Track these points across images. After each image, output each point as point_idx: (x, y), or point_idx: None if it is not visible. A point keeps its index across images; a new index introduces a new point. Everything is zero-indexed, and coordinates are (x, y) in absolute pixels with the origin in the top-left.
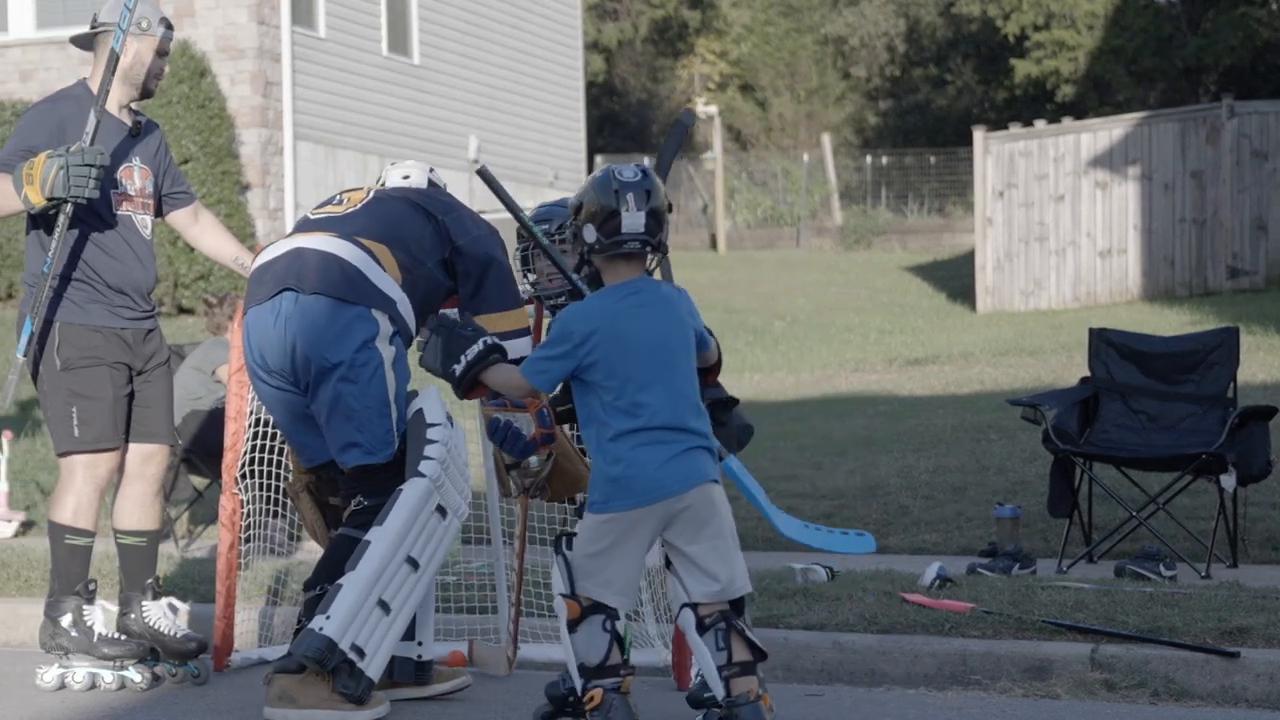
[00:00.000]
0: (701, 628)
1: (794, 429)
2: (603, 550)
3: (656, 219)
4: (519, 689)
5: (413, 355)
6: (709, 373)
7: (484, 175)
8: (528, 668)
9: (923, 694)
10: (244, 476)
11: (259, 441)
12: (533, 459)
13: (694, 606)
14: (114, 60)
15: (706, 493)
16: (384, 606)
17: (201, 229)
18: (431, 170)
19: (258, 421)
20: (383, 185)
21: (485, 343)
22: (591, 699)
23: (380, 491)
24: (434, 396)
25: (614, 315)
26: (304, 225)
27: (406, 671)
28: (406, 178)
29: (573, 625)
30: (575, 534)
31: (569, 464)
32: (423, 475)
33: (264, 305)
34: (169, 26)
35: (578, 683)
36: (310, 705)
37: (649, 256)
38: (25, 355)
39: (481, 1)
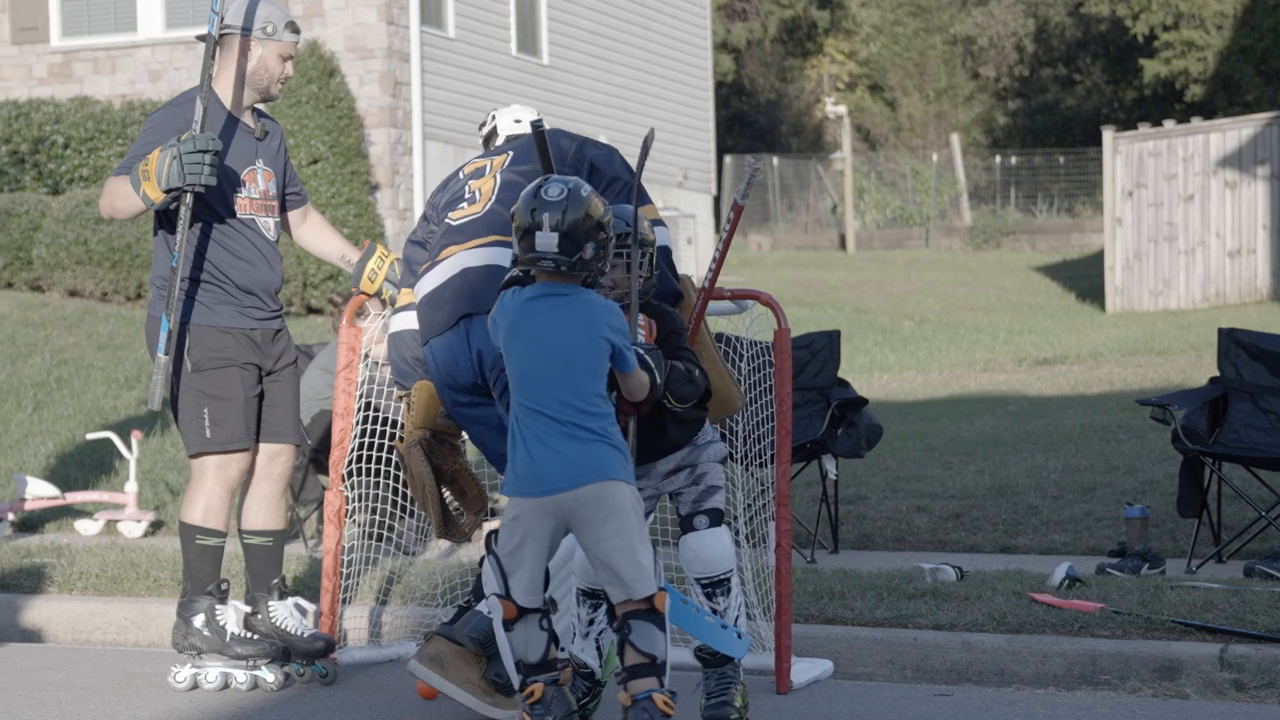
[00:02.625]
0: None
1: (923, 429)
2: (515, 548)
3: (572, 240)
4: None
5: None
6: (640, 404)
7: (537, 129)
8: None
9: (1052, 694)
10: (350, 474)
11: (390, 443)
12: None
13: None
14: (212, 45)
15: (601, 492)
16: (553, 604)
17: (309, 228)
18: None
19: (389, 423)
20: (498, 143)
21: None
22: (531, 694)
23: None
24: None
25: (527, 312)
26: (453, 236)
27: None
28: (519, 121)
29: (509, 624)
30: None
31: (721, 381)
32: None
33: (451, 333)
34: (295, 31)
35: (515, 679)
36: (456, 682)
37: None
38: (166, 354)
39: (611, 1)
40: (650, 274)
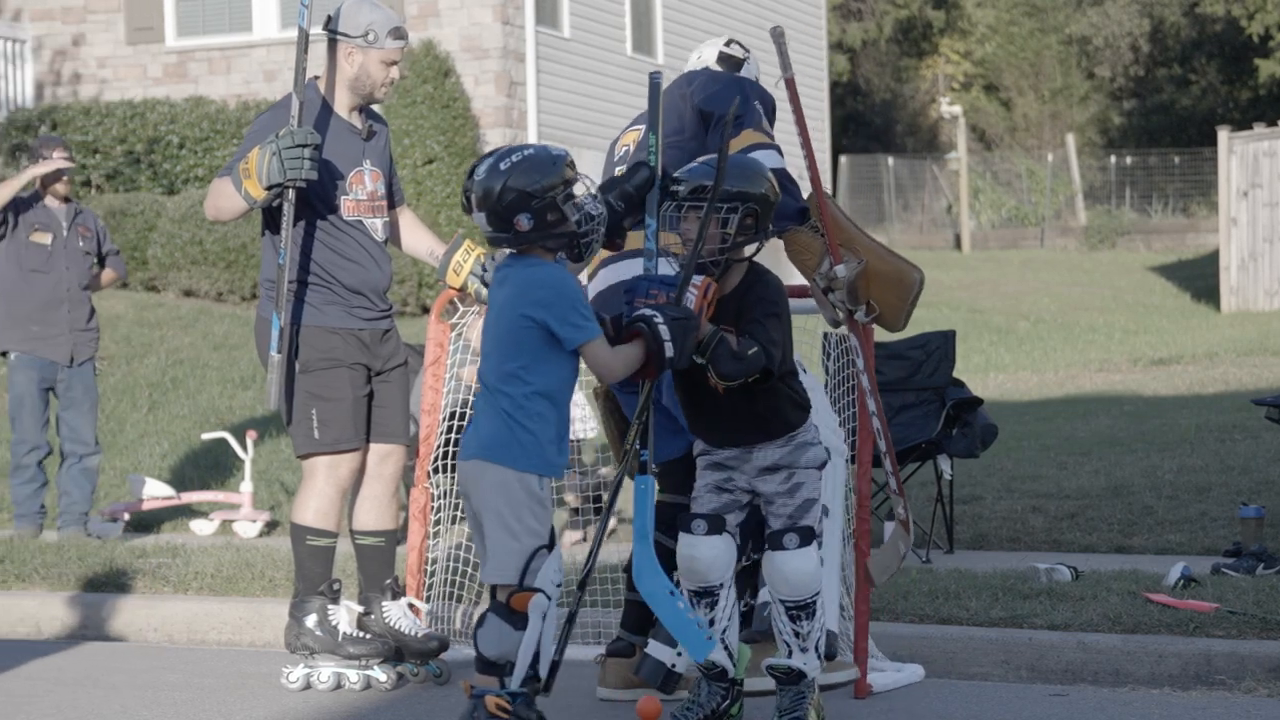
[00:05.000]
0: None
1: (1038, 429)
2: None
3: (499, 215)
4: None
5: None
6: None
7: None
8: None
9: (1167, 694)
10: (436, 470)
11: None
12: (838, 268)
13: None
14: (304, 39)
15: (475, 470)
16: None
17: (402, 226)
18: (728, 43)
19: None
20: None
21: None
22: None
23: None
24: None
25: (493, 283)
26: None
27: (657, 675)
28: (699, 57)
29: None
30: None
31: (883, 263)
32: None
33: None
34: (399, 37)
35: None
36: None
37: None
38: (280, 352)
39: (726, 1)
40: (751, 232)
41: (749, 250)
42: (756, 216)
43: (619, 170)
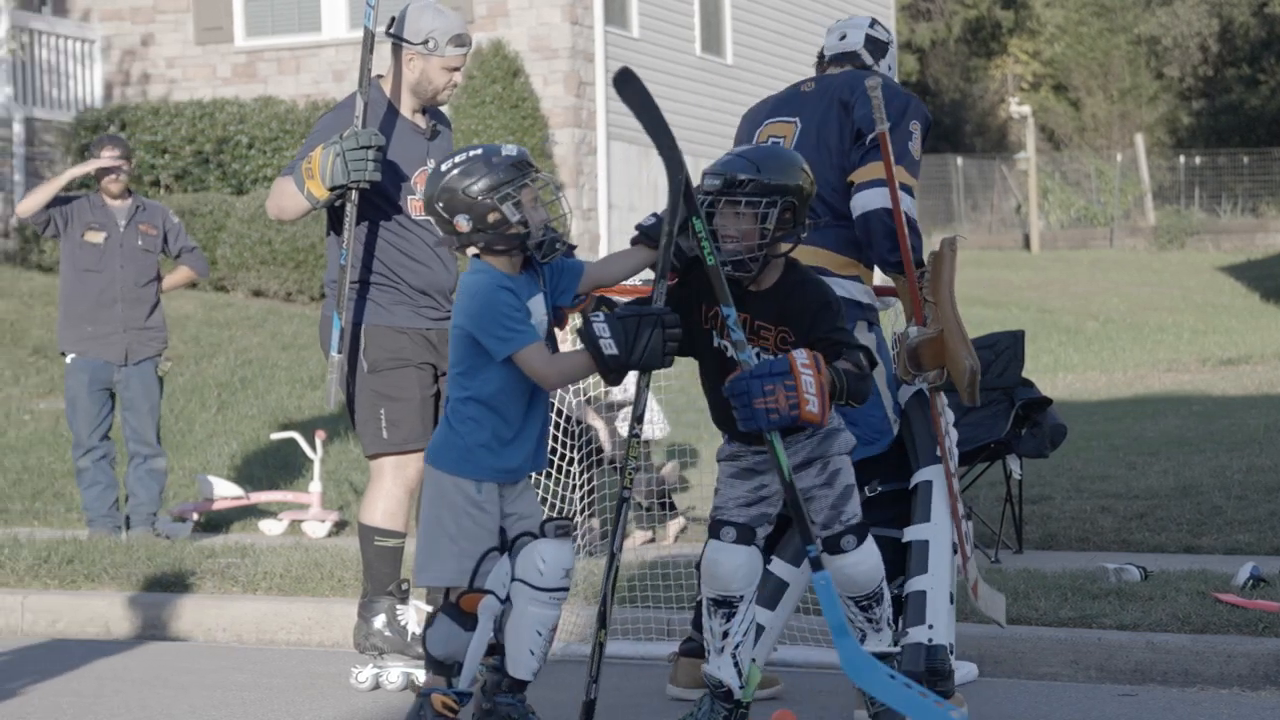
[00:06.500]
0: None
1: (1107, 429)
2: None
3: (440, 217)
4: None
5: None
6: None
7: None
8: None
9: (1236, 694)
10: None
11: (575, 440)
12: (911, 329)
13: None
14: (369, 40)
15: (427, 470)
16: (950, 598)
17: None
18: (873, 24)
19: (577, 421)
20: (825, 64)
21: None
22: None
23: (895, 475)
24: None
25: None
26: None
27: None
28: (844, 38)
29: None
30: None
31: (951, 339)
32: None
33: None
34: (460, 44)
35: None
36: None
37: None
38: (340, 352)
39: (795, 1)
40: (790, 226)
41: (785, 247)
42: (794, 210)
43: None
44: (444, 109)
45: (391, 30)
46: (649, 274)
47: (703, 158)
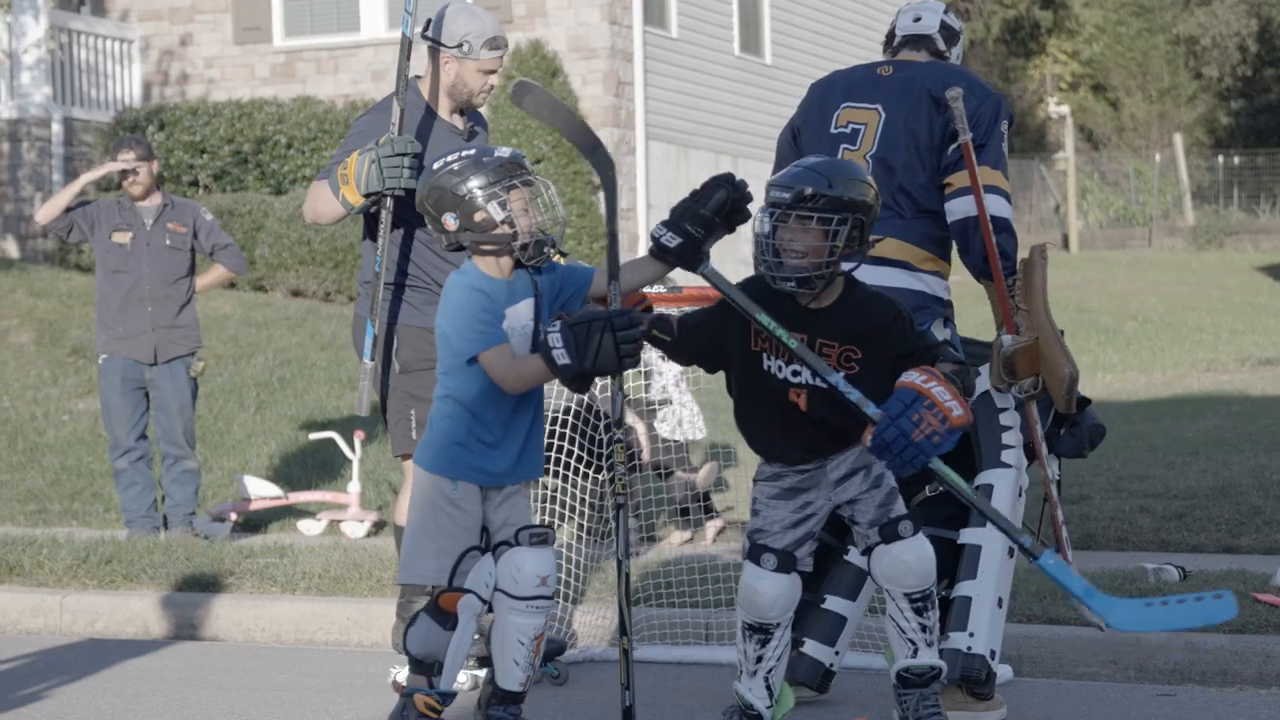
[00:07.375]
0: None
1: (1146, 429)
2: None
3: (430, 216)
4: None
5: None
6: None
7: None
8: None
9: (1275, 694)
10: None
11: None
12: (1005, 337)
13: None
14: (406, 46)
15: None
16: (999, 603)
17: None
18: (946, 10)
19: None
20: (895, 45)
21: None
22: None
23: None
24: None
25: None
26: None
27: (815, 675)
28: (918, 20)
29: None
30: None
31: (1046, 346)
32: (1008, 465)
33: None
34: (495, 47)
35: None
36: (948, 706)
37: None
38: (373, 359)
39: (834, 1)
40: (856, 244)
41: (847, 265)
42: (862, 228)
43: (845, 151)
44: (483, 110)
45: (427, 33)
46: (697, 279)
47: (741, 158)
